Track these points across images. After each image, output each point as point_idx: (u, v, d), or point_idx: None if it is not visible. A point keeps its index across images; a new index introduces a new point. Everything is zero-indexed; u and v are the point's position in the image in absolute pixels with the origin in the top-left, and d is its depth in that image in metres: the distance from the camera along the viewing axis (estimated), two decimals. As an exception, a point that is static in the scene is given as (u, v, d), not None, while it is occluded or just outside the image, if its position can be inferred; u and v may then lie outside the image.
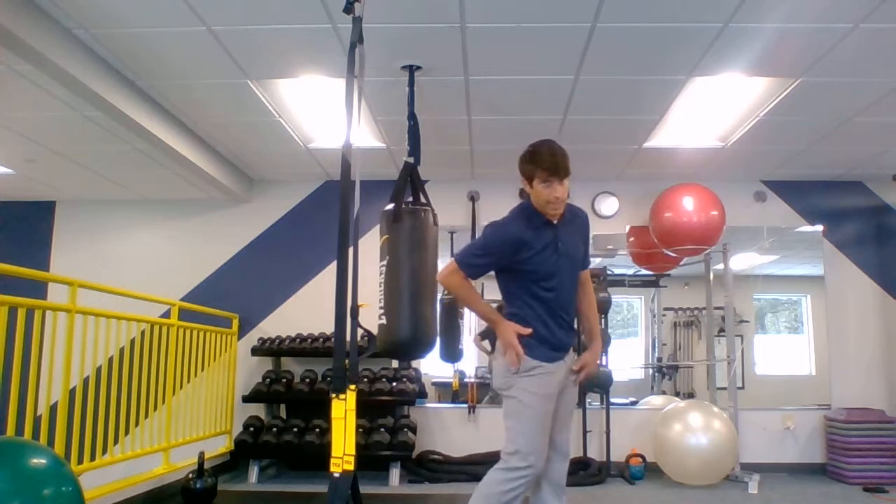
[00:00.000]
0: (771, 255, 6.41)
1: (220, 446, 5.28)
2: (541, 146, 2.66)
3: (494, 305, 2.86)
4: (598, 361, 2.82)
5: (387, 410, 5.45)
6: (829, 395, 5.82)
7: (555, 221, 2.69)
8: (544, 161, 2.60)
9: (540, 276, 2.65)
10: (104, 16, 3.32)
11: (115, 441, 3.92)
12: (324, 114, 4.62)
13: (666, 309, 6.94)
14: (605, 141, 5.12)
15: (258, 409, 5.66)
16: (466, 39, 3.54)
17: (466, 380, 5.98)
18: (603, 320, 5.82)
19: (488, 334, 3.07)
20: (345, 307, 2.68)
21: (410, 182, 3.64)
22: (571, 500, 4.06)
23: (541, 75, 3.97)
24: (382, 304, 3.38)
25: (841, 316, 5.94)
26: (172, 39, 3.57)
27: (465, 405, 5.81)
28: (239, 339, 5.84)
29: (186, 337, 4.79)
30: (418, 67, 3.85)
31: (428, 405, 5.88)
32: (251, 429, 5.35)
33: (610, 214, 6.08)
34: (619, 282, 6.23)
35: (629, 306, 7.27)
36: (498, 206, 2.96)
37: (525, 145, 2.73)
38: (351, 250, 2.77)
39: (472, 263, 2.69)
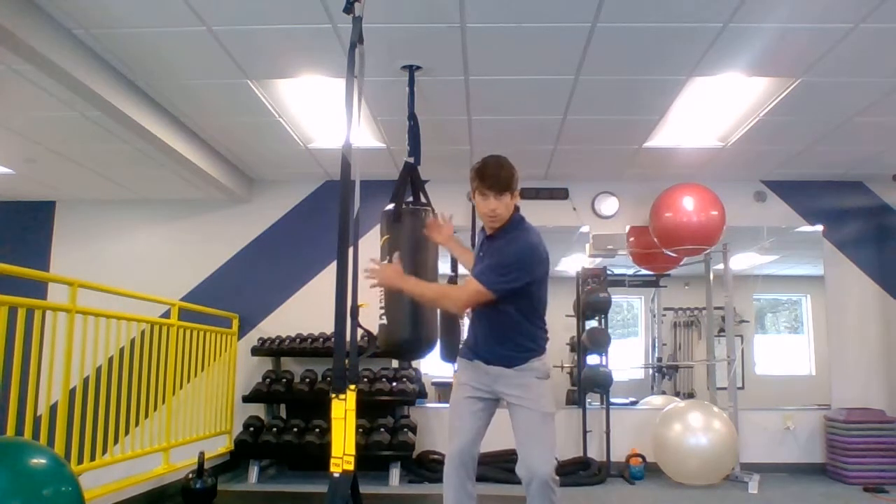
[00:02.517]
0: (771, 255, 6.41)
1: (220, 446, 5.28)
2: (486, 159, 2.70)
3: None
4: (387, 280, 2.79)
5: (387, 410, 5.45)
6: (829, 395, 5.82)
7: (488, 232, 2.76)
8: (481, 174, 2.65)
9: None
10: (104, 16, 3.32)
11: (115, 441, 3.92)
12: (324, 114, 4.62)
13: (666, 309, 6.94)
14: (605, 141, 5.12)
15: (258, 409, 5.66)
16: (466, 39, 3.54)
17: (466, 380, 5.97)
18: (603, 320, 5.83)
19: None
20: (345, 307, 2.68)
21: (410, 182, 3.64)
22: (572, 500, 4.06)
23: (541, 75, 3.97)
24: (382, 304, 3.37)
25: (841, 316, 5.94)
26: (172, 39, 3.57)
27: (465, 405, 5.80)
28: (239, 339, 5.84)
29: (186, 337, 4.79)
30: (418, 67, 3.85)
31: (428, 405, 5.88)
32: (251, 429, 5.35)
33: (610, 214, 6.08)
34: (619, 282, 6.23)
35: (629, 306, 7.27)
36: (498, 206, 2.96)
37: (525, 145, 2.76)
38: (351, 250, 2.77)
39: None
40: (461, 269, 5.91)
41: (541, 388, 2.70)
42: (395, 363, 5.70)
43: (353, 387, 2.62)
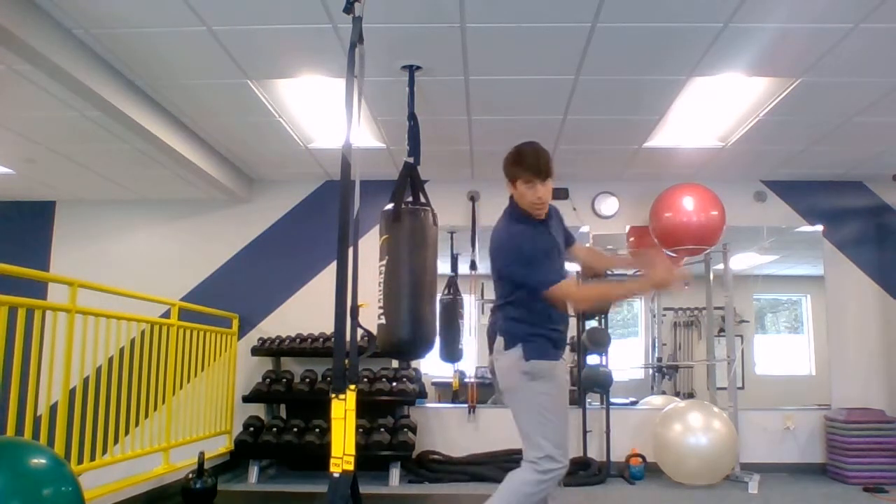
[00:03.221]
0: (771, 255, 6.41)
1: (220, 446, 5.28)
2: (525, 147, 2.70)
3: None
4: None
5: (387, 410, 5.45)
6: (829, 395, 5.82)
7: (541, 217, 2.77)
8: (527, 163, 2.64)
9: None
10: (104, 16, 3.32)
11: (115, 441, 3.92)
12: (324, 114, 4.62)
13: (666, 309, 6.93)
14: (605, 141, 5.12)
15: (258, 409, 5.66)
16: (466, 39, 3.54)
17: (466, 380, 5.98)
18: (603, 320, 5.82)
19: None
20: (345, 307, 2.68)
21: (410, 182, 3.63)
22: (571, 500, 4.06)
23: (541, 75, 3.97)
24: (382, 304, 3.37)
25: (841, 316, 5.94)
26: (173, 39, 3.57)
27: (465, 405, 5.81)
28: (239, 339, 5.84)
29: (186, 337, 4.79)
30: (418, 67, 3.85)
31: (428, 405, 5.88)
32: (251, 429, 5.35)
33: (610, 214, 6.08)
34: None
35: (629, 306, 7.26)
36: (498, 206, 2.95)
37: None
38: (351, 250, 2.77)
39: (543, 270, 2.62)
40: (461, 270, 5.95)
41: None
42: (395, 363, 5.70)
43: (353, 387, 2.61)
